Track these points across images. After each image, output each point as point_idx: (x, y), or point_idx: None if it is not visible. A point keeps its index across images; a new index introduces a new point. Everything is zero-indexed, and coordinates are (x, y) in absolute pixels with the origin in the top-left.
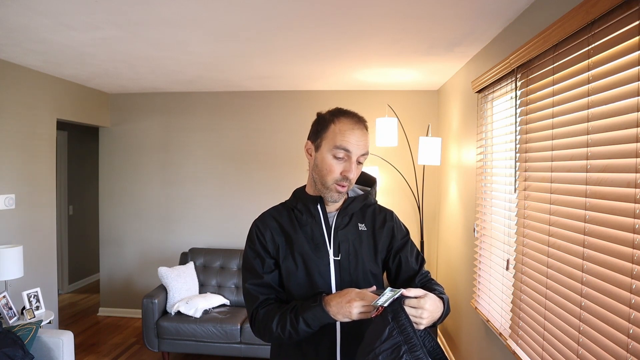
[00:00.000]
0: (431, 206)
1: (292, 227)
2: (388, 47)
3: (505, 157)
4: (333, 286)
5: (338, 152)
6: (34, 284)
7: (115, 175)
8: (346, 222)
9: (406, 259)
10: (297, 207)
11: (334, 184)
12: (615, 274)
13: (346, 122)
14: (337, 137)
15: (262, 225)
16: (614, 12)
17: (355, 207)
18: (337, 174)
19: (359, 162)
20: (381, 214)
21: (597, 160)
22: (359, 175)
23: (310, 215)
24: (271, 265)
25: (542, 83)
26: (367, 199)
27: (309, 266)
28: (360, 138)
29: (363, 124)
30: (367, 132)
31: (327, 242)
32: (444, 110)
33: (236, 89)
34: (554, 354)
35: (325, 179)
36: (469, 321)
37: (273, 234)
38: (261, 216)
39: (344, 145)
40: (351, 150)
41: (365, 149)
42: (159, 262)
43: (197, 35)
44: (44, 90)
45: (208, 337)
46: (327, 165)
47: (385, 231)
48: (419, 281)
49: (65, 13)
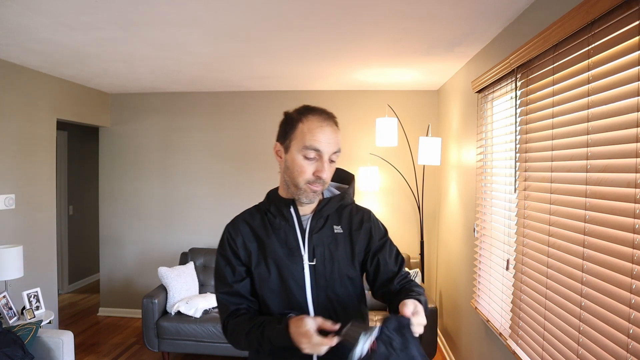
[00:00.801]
0: (431, 206)
1: (265, 231)
2: (388, 47)
3: (505, 157)
4: (308, 292)
5: (308, 153)
6: (34, 284)
7: (115, 175)
8: (321, 225)
9: (384, 260)
10: (270, 210)
11: (306, 185)
12: (615, 274)
13: (314, 120)
14: (306, 136)
15: (234, 231)
16: (614, 12)
17: (330, 208)
18: (309, 174)
19: (331, 161)
20: (358, 214)
21: (597, 160)
22: (333, 173)
23: (283, 218)
24: (242, 273)
25: (542, 83)
26: (343, 199)
27: (282, 272)
28: (331, 136)
29: (332, 120)
30: (337, 128)
31: (302, 247)
32: (444, 110)
33: (236, 89)
34: (554, 354)
35: (297, 180)
36: (469, 321)
37: (245, 240)
38: (233, 220)
39: (313, 145)
40: (322, 149)
41: (337, 147)
42: (159, 262)
43: (197, 35)
44: (44, 90)
45: (208, 337)
46: (298, 166)
47: (363, 232)
48: (397, 283)
49: (65, 13)
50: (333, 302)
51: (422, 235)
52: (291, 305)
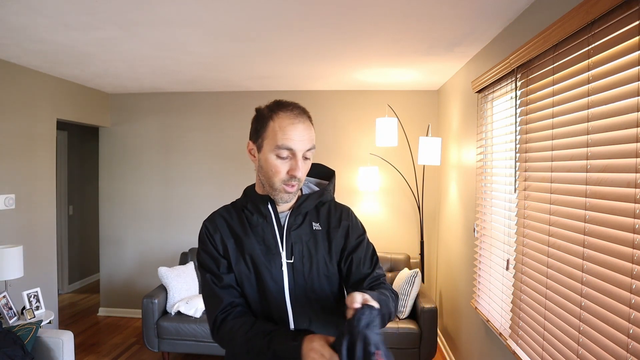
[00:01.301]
0: (431, 206)
1: (242, 228)
2: (388, 47)
3: (505, 157)
4: (286, 291)
5: (281, 152)
6: (34, 284)
7: (115, 175)
8: (299, 222)
9: (358, 260)
10: (248, 207)
11: (281, 185)
12: (615, 274)
13: (285, 117)
14: (277, 135)
15: (212, 227)
16: (614, 12)
17: (309, 205)
18: (284, 174)
19: (305, 158)
20: (337, 211)
21: (597, 160)
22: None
23: (261, 215)
24: (226, 266)
25: (542, 83)
26: (322, 195)
27: (260, 270)
28: (303, 133)
29: (305, 116)
30: (310, 123)
31: (280, 244)
32: (444, 110)
33: (236, 89)
34: (554, 354)
35: (272, 180)
36: (469, 321)
37: (222, 236)
38: (210, 217)
39: (285, 144)
40: (294, 147)
41: (311, 143)
42: (159, 262)
43: (197, 35)
44: (44, 90)
45: (208, 337)
46: (272, 166)
47: (341, 230)
48: (367, 285)
49: (65, 13)
50: (311, 301)
51: (422, 235)
52: (269, 304)
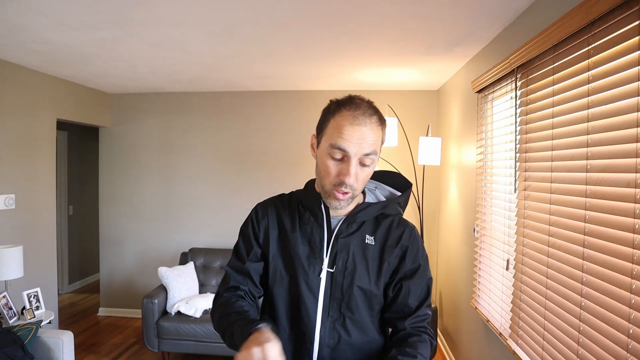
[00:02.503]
0: (431, 206)
1: (291, 223)
2: (388, 47)
3: (505, 157)
4: (320, 302)
5: (335, 152)
6: (34, 284)
7: (115, 175)
8: (352, 231)
9: (408, 291)
10: (303, 202)
11: (332, 189)
12: (615, 274)
13: (347, 115)
14: (334, 133)
15: (262, 212)
16: (614, 12)
17: (367, 214)
18: (334, 176)
19: (363, 164)
20: (399, 229)
21: (597, 160)
22: (367, 179)
23: (313, 214)
24: (257, 255)
25: (542, 83)
26: (385, 207)
27: (297, 272)
28: (363, 135)
29: (369, 117)
30: (377, 126)
31: (324, 249)
32: (444, 110)
33: (236, 89)
34: (554, 354)
35: (323, 181)
36: (469, 321)
37: (269, 225)
38: (264, 202)
39: (339, 144)
40: (348, 150)
41: (371, 148)
42: (159, 262)
43: (197, 35)
44: (44, 90)
45: (208, 337)
46: (324, 166)
47: (397, 250)
48: (409, 324)
49: (65, 13)
50: (345, 319)
51: (422, 235)
52: (299, 310)
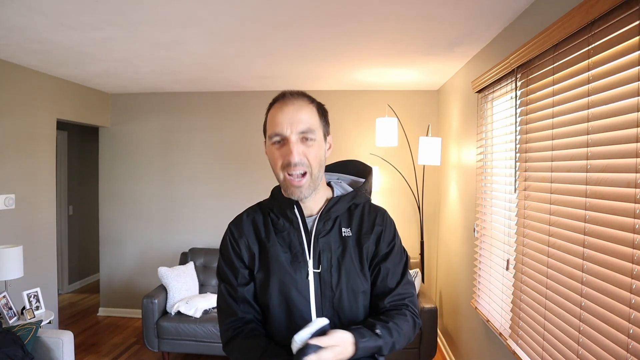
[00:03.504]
0: (431, 206)
1: (267, 233)
2: (388, 47)
3: (505, 157)
4: (312, 303)
5: (274, 139)
6: (34, 284)
7: (115, 175)
8: (329, 228)
9: (386, 272)
10: (274, 211)
11: (285, 176)
12: (615, 274)
13: (276, 105)
14: (269, 125)
15: (237, 231)
16: (614, 12)
17: (339, 208)
18: (280, 160)
19: (305, 139)
20: (371, 215)
21: (597, 160)
22: (320, 155)
23: (287, 219)
24: (246, 276)
25: (542, 83)
26: (355, 197)
27: (285, 279)
28: (292, 114)
29: (296, 98)
30: (305, 104)
31: (307, 252)
32: (444, 110)
33: (236, 89)
34: (554, 354)
35: (276, 173)
36: (469, 321)
37: (248, 241)
38: (237, 219)
39: (274, 130)
40: (282, 132)
41: (305, 125)
42: (159, 262)
43: (197, 35)
44: (44, 90)
45: (208, 337)
46: (271, 157)
47: (373, 236)
48: (388, 303)
49: (65, 13)
50: (340, 316)
51: (422, 235)
52: (293, 316)
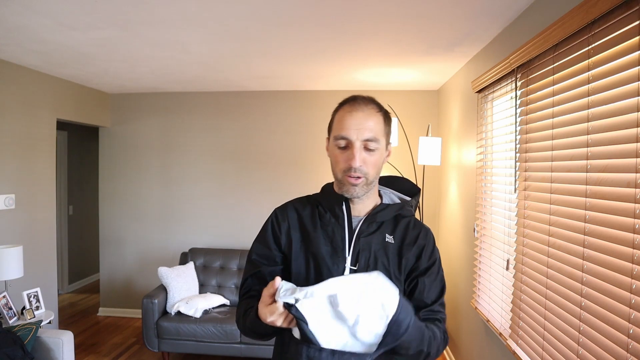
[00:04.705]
0: (431, 206)
1: (312, 224)
2: (388, 47)
3: (505, 157)
4: None
5: (339, 142)
6: (34, 284)
7: (115, 175)
8: (372, 230)
9: (423, 287)
10: (322, 204)
11: (344, 176)
12: (615, 274)
13: (346, 108)
14: (337, 127)
15: (282, 215)
16: (614, 12)
17: (386, 215)
18: (342, 164)
19: (368, 149)
20: (415, 229)
21: (597, 160)
22: (377, 164)
23: (333, 215)
24: (276, 259)
25: (542, 83)
26: (402, 208)
27: (321, 271)
28: (361, 121)
29: (365, 105)
30: (375, 112)
31: (347, 248)
32: (444, 110)
33: (236, 89)
34: (554, 354)
35: (335, 171)
36: (469, 321)
37: (290, 227)
38: (283, 205)
39: (340, 133)
40: (348, 136)
41: (371, 133)
42: (159, 262)
43: (197, 35)
44: (44, 90)
45: (208, 337)
46: (333, 157)
47: (415, 249)
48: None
49: (65, 13)
50: None
51: None
52: None
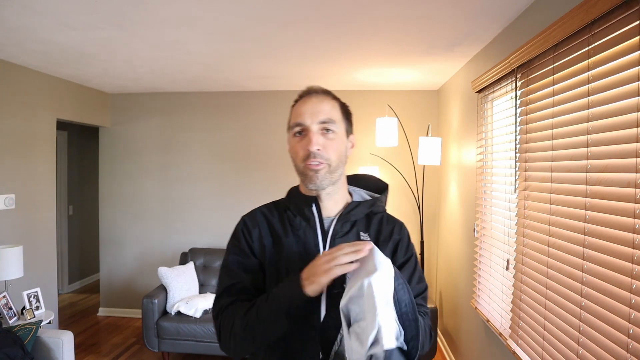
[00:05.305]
0: (431, 206)
1: (283, 229)
2: (388, 47)
3: (505, 157)
4: (323, 304)
5: (295, 131)
6: (34, 284)
7: (115, 175)
8: (346, 230)
9: None
10: (290, 209)
11: (304, 165)
12: (615, 274)
13: (299, 100)
14: (292, 117)
15: (251, 222)
16: (614, 12)
17: (359, 213)
18: (301, 152)
19: (326, 130)
20: (389, 224)
21: (597, 160)
22: (340, 148)
23: (304, 218)
24: (254, 267)
25: (542, 83)
26: (373, 205)
27: None
28: (314, 105)
29: (318, 92)
30: (329, 99)
31: (322, 251)
32: (444, 110)
33: (236, 89)
34: (554, 354)
35: (295, 163)
36: (469, 321)
37: (262, 234)
38: (250, 212)
39: (296, 120)
40: (303, 121)
41: (326, 116)
42: (159, 262)
43: (197, 35)
44: (44, 90)
45: (208, 337)
46: (292, 147)
47: (390, 245)
48: None
49: (65, 13)
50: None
51: (422, 235)
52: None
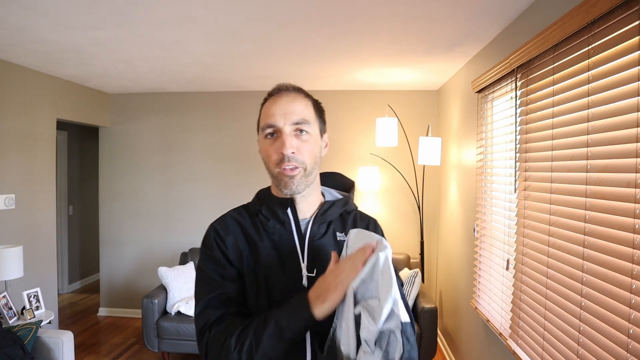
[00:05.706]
0: (431, 206)
1: (257, 234)
2: (388, 47)
3: (505, 157)
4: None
5: (267, 133)
6: (34, 284)
7: (115, 175)
8: (323, 231)
9: None
10: (262, 212)
11: (277, 170)
12: (615, 274)
13: (269, 99)
14: (262, 117)
15: (223, 229)
16: (614, 12)
17: (334, 213)
18: (274, 155)
19: (300, 131)
20: (363, 221)
21: (597, 160)
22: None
23: (278, 221)
24: (233, 275)
25: (542, 83)
26: (347, 204)
27: (275, 283)
28: (286, 105)
29: (289, 90)
30: (301, 97)
31: (300, 255)
32: (444, 110)
33: (236, 89)
34: (554, 354)
35: (269, 168)
36: (469, 321)
37: (236, 240)
38: (220, 218)
39: (267, 120)
40: (275, 123)
41: (298, 115)
42: (159, 262)
43: (197, 35)
44: (44, 90)
45: None
46: (264, 152)
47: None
48: None
49: (65, 13)
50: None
51: (422, 235)
52: None
